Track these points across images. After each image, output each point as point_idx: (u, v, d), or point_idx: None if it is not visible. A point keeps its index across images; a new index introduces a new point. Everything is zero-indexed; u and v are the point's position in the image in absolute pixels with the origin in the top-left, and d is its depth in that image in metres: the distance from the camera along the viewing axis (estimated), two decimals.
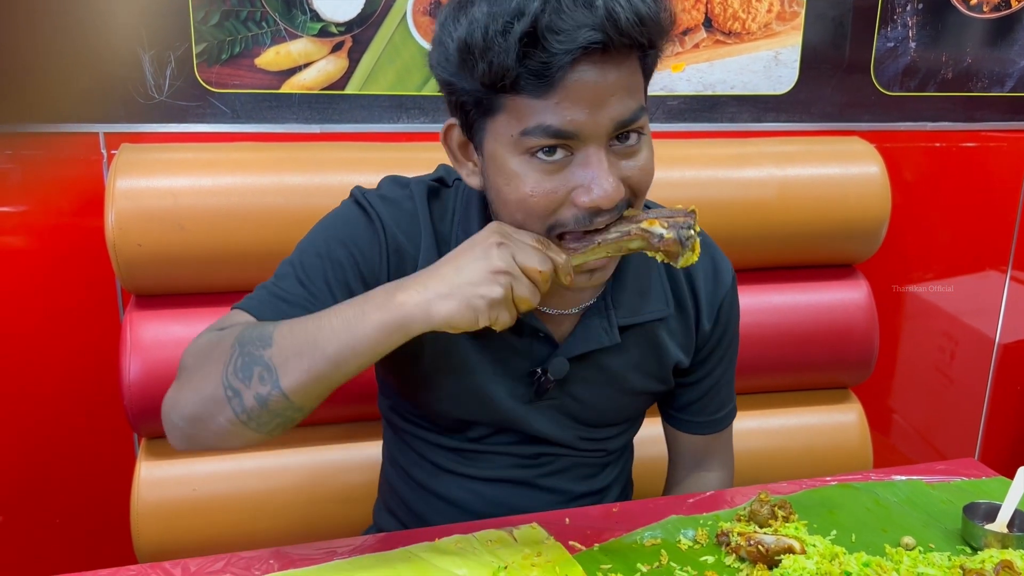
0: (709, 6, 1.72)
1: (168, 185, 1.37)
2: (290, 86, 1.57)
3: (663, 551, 0.98)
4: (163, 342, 1.37)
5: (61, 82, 1.48)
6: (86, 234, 1.52)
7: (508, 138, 0.90)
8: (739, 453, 1.29)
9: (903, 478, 1.17)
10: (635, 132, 0.91)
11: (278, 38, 1.54)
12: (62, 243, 1.54)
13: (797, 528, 1.01)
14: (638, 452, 1.28)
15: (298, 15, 1.54)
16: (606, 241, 0.92)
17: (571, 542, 0.99)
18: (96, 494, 1.65)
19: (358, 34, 1.58)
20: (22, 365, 1.57)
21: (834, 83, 1.83)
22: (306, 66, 1.57)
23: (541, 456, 1.13)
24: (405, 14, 1.58)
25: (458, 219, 1.04)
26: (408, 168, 1.14)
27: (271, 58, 1.55)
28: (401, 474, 1.18)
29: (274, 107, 1.58)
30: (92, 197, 1.50)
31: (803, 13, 1.77)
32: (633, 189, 0.93)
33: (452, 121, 0.97)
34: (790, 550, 0.94)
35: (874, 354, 1.69)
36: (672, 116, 1.77)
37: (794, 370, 1.68)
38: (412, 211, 1.03)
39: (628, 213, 0.93)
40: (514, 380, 1.07)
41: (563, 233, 0.92)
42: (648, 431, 1.25)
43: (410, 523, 1.17)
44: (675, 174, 1.56)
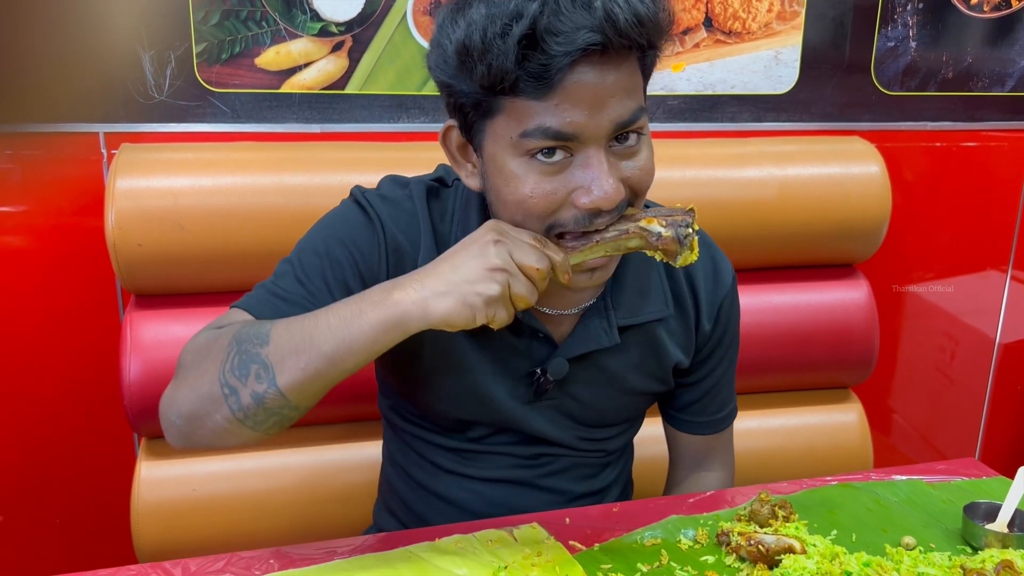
0: (709, 6, 1.72)
1: (168, 185, 1.37)
2: (290, 86, 1.57)
3: (663, 551, 0.98)
4: (163, 342, 1.37)
5: (61, 82, 1.48)
6: (86, 234, 1.52)
7: (507, 140, 0.90)
8: (739, 453, 1.28)
9: (903, 478, 1.17)
10: (635, 133, 0.91)
11: (278, 38, 1.54)
12: (62, 243, 1.54)
13: (797, 528, 1.01)
14: (638, 452, 1.28)
15: (298, 15, 1.54)
16: (604, 240, 0.91)
17: (571, 542, 0.99)
18: (96, 494, 1.65)
19: (358, 34, 1.57)
20: (22, 365, 1.57)
21: (834, 83, 1.83)
22: (306, 66, 1.57)
23: (541, 456, 1.13)
24: (405, 14, 1.58)
25: (457, 219, 1.04)
26: (408, 168, 1.14)
27: (271, 58, 1.55)
28: (401, 474, 1.18)
29: (274, 107, 1.58)
30: (92, 197, 1.50)
31: (803, 13, 1.77)
32: (633, 189, 0.93)
33: (451, 123, 0.96)
34: (790, 550, 0.94)
35: (874, 354, 1.69)
36: (672, 116, 1.77)
37: (794, 370, 1.68)
38: (412, 211, 1.03)
39: (628, 213, 0.93)
40: (514, 380, 1.07)
41: (562, 232, 0.92)
42: (648, 431, 1.25)
43: (410, 523, 1.16)
44: (675, 174, 1.56)
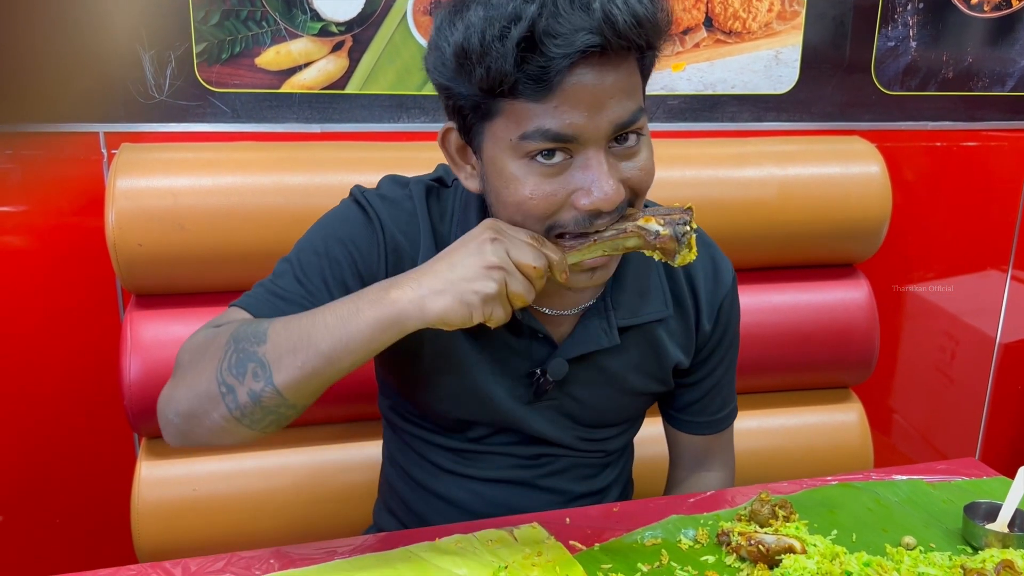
0: (710, 5, 1.72)
1: (168, 185, 1.37)
2: (290, 86, 1.57)
3: (664, 551, 0.98)
4: (163, 342, 1.37)
5: (61, 82, 1.48)
6: (86, 234, 1.52)
7: (507, 142, 0.89)
8: (740, 453, 1.28)
9: (904, 478, 1.17)
10: (634, 133, 0.91)
11: (278, 38, 1.54)
12: (62, 243, 1.54)
13: (798, 528, 1.01)
14: (638, 452, 1.28)
15: (298, 15, 1.54)
16: (602, 239, 0.91)
17: (571, 542, 0.99)
18: (96, 494, 1.65)
19: (358, 34, 1.57)
20: (22, 365, 1.57)
21: (835, 82, 1.83)
22: (306, 66, 1.57)
23: (541, 457, 1.13)
24: (405, 14, 1.58)
25: (457, 219, 1.04)
26: (408, 168, 1.14)
27: (271, 58, 1.55)
28: (401, 474, 1.18)
29: (274, 107, 1.57)
30: (92, 197, 1.50)
31: (804, 12, 1.77)
32: (633, 190, 0.93)
33: (450, 125, 0.96)
34: (791, 550, 0.94)
35: (875, 354, 1.69)
36: (672, 115, 1.77)
37: (795, 370, 1.67)
38: (411, 211, 1.03)
39: (627, 213, 0.93)
40: (513, 380, 1.07)
41: (560, 232, 0.92)
42: (648, 431, 1.25)
43: (410, 523, 1.16)
44: (675, 174, 1.56)
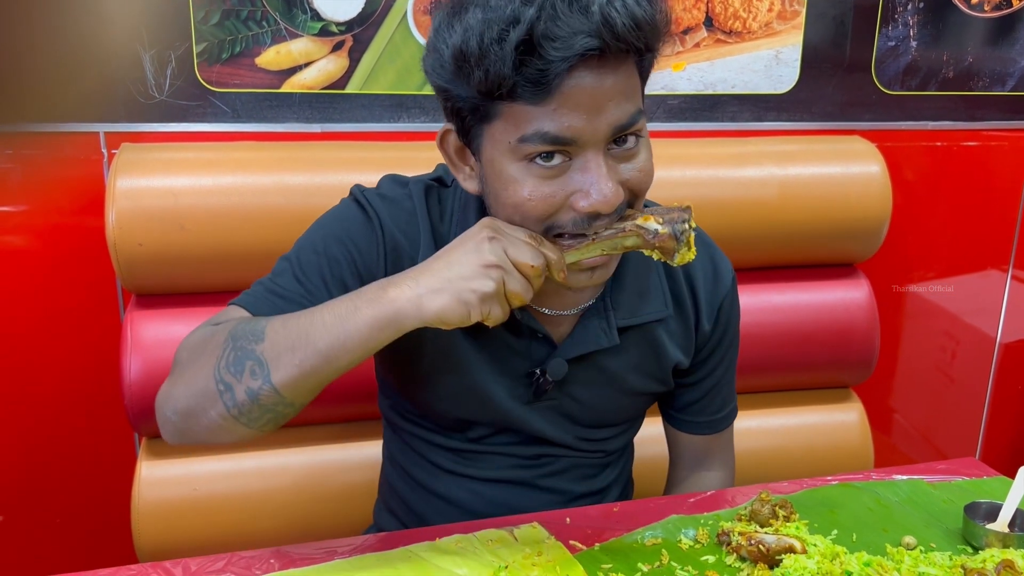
0: (710, 5, 1.72)
1: (168, 185, 1.37)
2: (290, 85, 1.57)
3: (664, 551, 0.98)
4: (164, 342, 1.37)
5: (61, 82, 1.48)
6: (86, 234, 1.52)
7: (505, 144, 0.89)
8: (740, 453, 1.28)
9: (904, 477, 1.17)
10: (633, 135, 0.91)
11: (278, 37, 1.54)
12: (62, 243, 1.54)
13: (798, 528, 1.01)
14: (638, 452, 1.28)
15: (299, 14, 1.54)
16: (600, 238, 0.91)
17: (572, 541, 0.99)
18: (96, 494, 1.65)
19: (358, 33, 1.57)
20: (22, 365, 1.57)
21: (835, 82, 1.83)
22: (306, 65, 1.57)
23: (541, 457, 1.13)
24: (406, 13, 1.58)
25: (456, 218, 1.04)
26: (408, 167, 1.14)
27: (271, 57, 1.55)
28: (401, 474, 1.18)
29: (274, 106, 1.57)
30: (93, 197, 1.50)
31: (804, 12, 1.77)
32: (633, 191, 0.93)
33: (448, 126, 0.96)
34: (791, 550, 0.94)
35: (875, 353, 1.68)
36: (673, 115, 1.77)
37: (795, 370, 1.67)
38: (411, 210, 1.03)
39: (626, 214, 0.93)
40: (513, 380, 1.07)
41: (559, 232, 0.92)
42: (648, 431, 1.25)
43: (410, 523, 1.16)
44: (676, 173, 1.56)
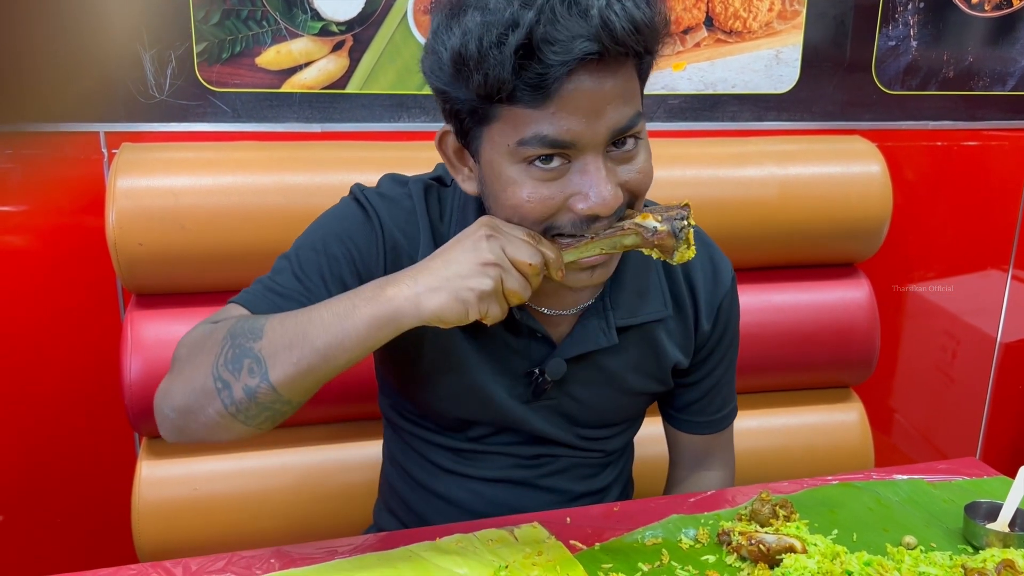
0: (710, 5, 1.72)
1: (169, 184, 1.37)
2: (291, 85, 1.57)
3: (664, 550, 0.98)
4: (164, 341, 1.36)
5: (61, 82, 1.48)
6: (87, 233, 1.52)
7: (504, 147, 0.89)
8: (740, 452, 1.28)
9: (904, 477, 1.17)
10: (632, 137, 0.91)
11: (279, 37, 1.54)
12: (63, 243, 1.54)
13: (798, 527, 1.01)
14: (638, 452, 1.28)
15: (299, 14, 1.54)
16: (599, 237, 0.91)
17: (572, 541, 0.99)
18: (97, 494, 1.65)
19: (359, 33, 1.57)
20: (22, 365, 1.57)
21: (835, 82, 1.83)
22: (307, 65, 1.57)
23: (541, 456, 1.13)
24: (406, 13, 1.58)
25: (456, 218, 1.04)
26: (408, 167, 1.14)
27: (272, 57, 1.55)
28: (401, 474, 1.18)
29: (275, 106, 1.57)
30: (93, 196, 1.50)
31: (804, 12, 1.77)
32: (632, 193, 0.93)
33: (447, 128, 0.96)
34: (791, 549, 0.94)
35: (875, 353, 1.68)
36: (673, 115, 1.77)
37: (795, 369, 1.67)
38: (410, 209, 1.03)
39: (625, 214, 0.93)
40: (513, 380, 1.07)
41: (558, 232, 0.92)
42: (648, 431, 1.25)
43: (410, 523, 1.16)
44: (676, 173, 1.56)
